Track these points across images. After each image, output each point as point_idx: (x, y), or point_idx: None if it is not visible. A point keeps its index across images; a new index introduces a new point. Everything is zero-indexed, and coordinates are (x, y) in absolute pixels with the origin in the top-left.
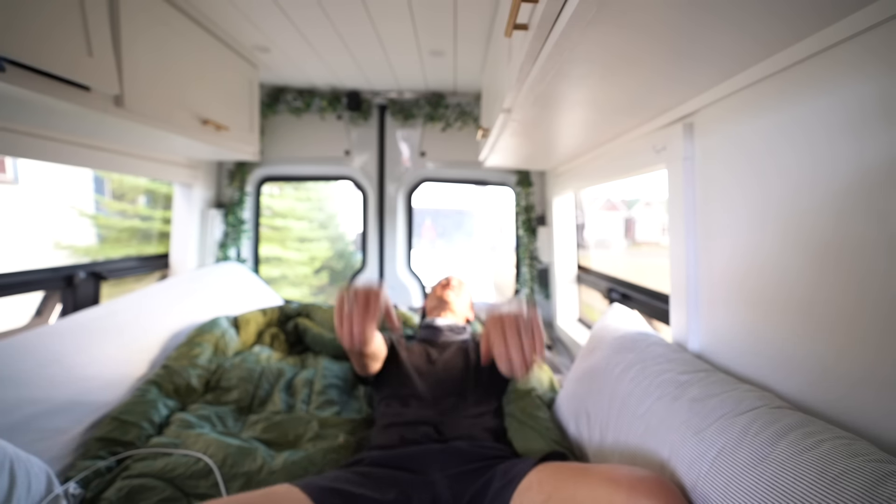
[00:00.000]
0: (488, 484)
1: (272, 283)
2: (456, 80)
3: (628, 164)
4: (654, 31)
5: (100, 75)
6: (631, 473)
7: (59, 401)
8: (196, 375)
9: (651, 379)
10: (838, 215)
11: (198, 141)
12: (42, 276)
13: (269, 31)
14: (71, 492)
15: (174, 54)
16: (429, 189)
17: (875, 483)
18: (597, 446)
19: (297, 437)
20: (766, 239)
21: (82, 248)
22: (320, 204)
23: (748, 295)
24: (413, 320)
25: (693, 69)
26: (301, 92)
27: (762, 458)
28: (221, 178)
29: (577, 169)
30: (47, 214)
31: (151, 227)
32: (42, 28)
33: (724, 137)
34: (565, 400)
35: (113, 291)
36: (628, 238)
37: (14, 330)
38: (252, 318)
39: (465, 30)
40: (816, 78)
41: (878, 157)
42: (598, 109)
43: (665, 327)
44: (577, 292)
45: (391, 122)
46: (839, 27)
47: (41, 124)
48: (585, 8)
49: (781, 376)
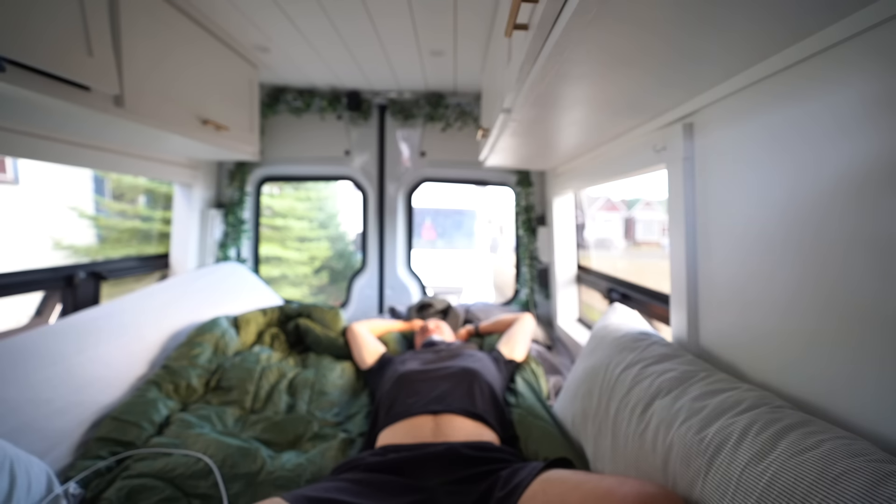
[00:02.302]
0: (489, 492)
1: (272, 282)
2: (456, 80)
3: (628, 164)
4: (654, 32)
5: (100, 75)
6: (639, 488)
7: (58, 401)
8: (196, 375)
9: (652, 379)
10: (838, 215)
11: (198, 141)
12: (42, 276)
13: (269, 31)
14: (71, 492)
15: (174, 54)
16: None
17: (875, 483)
18: (597, 447)
19: (298, 437)
20: (765, 238)
21: (82, 248)
22: (320, 204)
23: (748, 294)
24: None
25: (693, 69)
26: (301, 92)
27: (763, 458)
28: (221, 178)
29: (577, 169)
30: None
31: (151, 227)
32: (42, 28)
33: (724, 137)
34: (566, 400)
35: (113, 291)
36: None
37: (14, 330)
38: (252, 318)
39: (465, 30)
40: (816, 78)
41: (878, 157)
42: (597, 109)
43: (665, 327)
44: (577, 292)
45: (391, 122)
46: (839, 27)
47: (41, 124)
48: (585, 8)
49: (782, 376)
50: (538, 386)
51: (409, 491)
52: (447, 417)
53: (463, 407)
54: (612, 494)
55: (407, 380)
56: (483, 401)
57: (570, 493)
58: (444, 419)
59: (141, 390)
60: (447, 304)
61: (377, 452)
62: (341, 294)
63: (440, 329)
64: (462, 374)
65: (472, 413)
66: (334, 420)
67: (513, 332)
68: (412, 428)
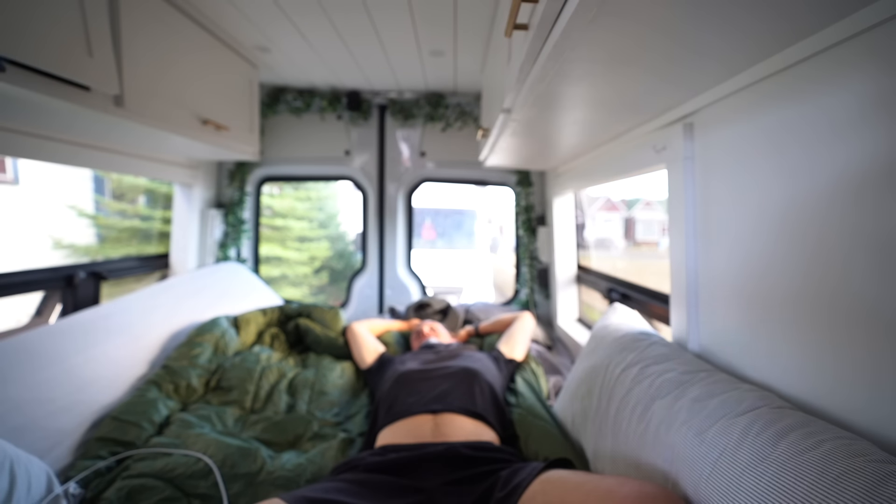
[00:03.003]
0: (489, 492)
1: (272, 282)
2: (456, 80)
3: (628, 163)
4: (654, 31)
5: (100, 75)
6: (639, 489)
7: (59, 401)
8: (196, 375)
9: (652, 379)
10: (838, 214)
11: (198, 141)
12: (42, 276)
13: (269, 31)
14: (71, 492)
15: (174, 54)
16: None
17: (876, 483)
18: (598, 447)
19: (298, 437)
20: (765, 238)
21: (82, 247)
22: (320, 204)
23: (748, 294)
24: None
25: (693, 69)
26: (301, 92)
27: (763, 459)
28: (221, 178)
29: (577, 169)
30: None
31: (151, 227)
32: (42, 28)
33: (724, 137)
34: (566, 400)
35: (113, 291)
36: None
37: (14, 330)
38: (252, 318)
39: (465, 30)
40: (816, 78)
41: (878, 157)
42: (598, 109)
43: (665, 327)
44: (576, 292)
45: (391, 122)
46: (839, 27)
47: (41, 124)
48: (585, 8)
49: (782, 376)
50: (538, 386)
51: (408, 491)
52: (447, 417)
53: (463, 406)
54: (613, 495)
55: (407, 379)
56: (483, 400)
57: (570, 493)
58: (443, 418)
59: (141, 390)
60: (446, 303)
61: (377, 452)
62: (341, 294)
63: (435, 331)
64: (462, 373)
65: (473, 412)
66: (334, 420)
67: (512, 331)
68: (412, 427)
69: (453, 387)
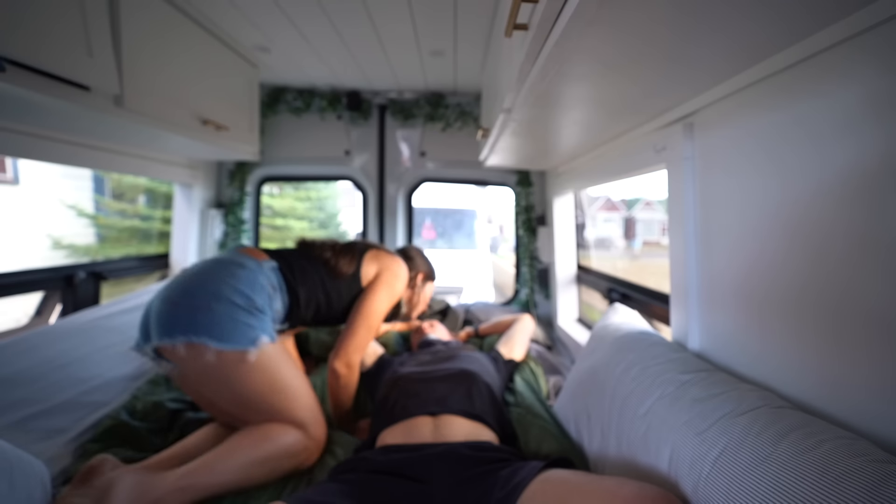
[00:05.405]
0: (489, 492)
1: None
2: (456, 80)
3: (628, 164)
4: (655, 32)
5: (100, 75)
6: (638, 490)
7: (58, 401)
8: None
9: (652, 379)
10: (838, 215)
11: (198, 141)
12: (42, 276)
13: (269, 31)
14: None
15: (174, 54)
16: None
17: (877, 483)
18: (598, 447)
19: None
20: (766, 238)
21: (82, 247)
22: (320, 204)
23: (748, 294)
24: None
25: (693, 69)
26: (301, 92)
27: (764, 459)
28: (221, 178)
29: (577, 169)
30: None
31: (151, 226)
32: (42, 28)
33: (724, 137)
34: (566, 400)
35: (113, 291)
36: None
37: (14, 330)
38: None
39: (465, 30)
40: (816, 78)
41: (877, 157)
42: (598, 109)
43: (665, 327)
44: (577, 292)
45: (391, 122)
46: (838, 28)
47: (41, 124)
48: (585, 8)
49: (782, 376)
50: (537, 385)
51: (408, 492)
52: (446, 418)
53: (461, 408)
54: (612, 496)
55: (405, 381)
56: (481, 401)
57: (570, 493)
58: (442, 420)
59: (141, 391)
60: (445, 304)
61: (377, 453)
62: None
63: (434, 327)
64: (460, 375)
65: (471, 414)
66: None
67: (512, 332)
68: (411, 429)
69: (451, 389)
